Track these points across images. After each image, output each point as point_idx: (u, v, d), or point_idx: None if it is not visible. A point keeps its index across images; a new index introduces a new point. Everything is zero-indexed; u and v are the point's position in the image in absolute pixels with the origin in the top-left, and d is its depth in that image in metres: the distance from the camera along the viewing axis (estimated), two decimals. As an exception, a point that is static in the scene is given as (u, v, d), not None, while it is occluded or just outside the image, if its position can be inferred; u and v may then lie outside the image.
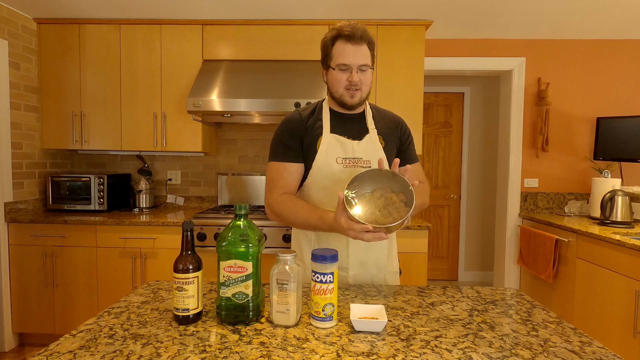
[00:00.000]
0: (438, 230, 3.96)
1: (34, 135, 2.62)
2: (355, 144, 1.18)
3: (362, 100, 1.19)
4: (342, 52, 1.12)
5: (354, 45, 1.11)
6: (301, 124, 1.21)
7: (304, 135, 1.19)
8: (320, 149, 1.17)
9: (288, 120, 1.23)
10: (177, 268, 0.86)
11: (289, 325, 0.86)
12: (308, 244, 1.24)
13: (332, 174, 1.17)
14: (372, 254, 1.23)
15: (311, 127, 1.20)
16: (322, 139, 1.18)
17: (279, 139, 1.21)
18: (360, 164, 1.18)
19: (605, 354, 0.75)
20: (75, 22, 2.61)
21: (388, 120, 1.28)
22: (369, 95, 1.22)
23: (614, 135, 2.70)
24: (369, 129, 1.22)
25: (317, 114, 1.23)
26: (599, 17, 2.54)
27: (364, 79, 1.15)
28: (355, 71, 1.12)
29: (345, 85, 1.15)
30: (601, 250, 2.10)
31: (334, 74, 1.16)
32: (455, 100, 3.89)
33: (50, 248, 2.37)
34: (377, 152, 1.19)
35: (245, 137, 2.99)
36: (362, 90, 1.16)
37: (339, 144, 1.18)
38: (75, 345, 0.76)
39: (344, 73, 1.14)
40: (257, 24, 2.60)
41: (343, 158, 1.17)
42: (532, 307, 1.00)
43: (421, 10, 2.44)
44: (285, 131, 1.21)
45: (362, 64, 1.13)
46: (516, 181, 3.03)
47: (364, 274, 1.24)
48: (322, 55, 1.20)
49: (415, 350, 0.76)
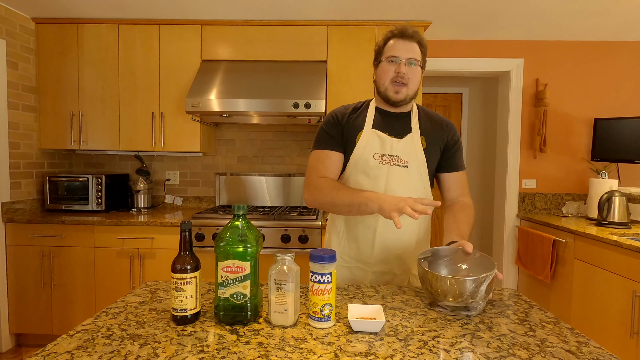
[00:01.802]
0: (437, 230, 3.96)
1: (31, 135, 2.61)
2: (395, 141, 1.18)
3: (408, 97, 1.18)
4: (393, 47, 1.15)
5: (405, 41, 1.14)
6: (344, 116, 1.23)
7: (345, 126, 1.21)
8: (359, 143, 1.18)
9: (332, 112, 1.25)
10: (175, 268, 0.86)
11: (287, 325, 0.86)
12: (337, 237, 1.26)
13: (368, 168, 1.17)
14: (399, 251, 1.21)
15: (353, 120, 1.22)
16: (362, 134, 1.19)
17: (322, 129, 1.24)
18: (397, 162, 1.17)
19: (602, 354, 0.76)
20: (73, 22, 2.61)
21: (435, 121, 1.25)
22: (417, 95, 1.22)
23: (612, 136, 2.71)
24: (412, 129, 1.20)
25: (362, 110, 1.24)
26: (597, 19, 2.55)
27: (411, 74, 1.15)
28: (403, 63, 1.14)
29: (392, 77, 1.15)
30: (598, 251, 2.11)
31: (382, 66, 1.17)
32: (454, 101, 3.90)
33: (47, 248, 2.37)
34: (416, 152, 1.18)
35: (244, 138, 2.99)
36: (408, 87, 1.16)
37: (378, 140, 1.18)
38: (72, 346, 0.76)
39: (392, 65, 1.15)
40: (256, 24, 2.60)
41: (380, 154, 1.17)
42: (529, 308, 1.01)
43: (420, 11, 2.45)
44: (329, 121, 1.23)
45: (410, 57, 1.14)
46: (514, 182, 3.04)
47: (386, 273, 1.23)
48: (374, 57, 1.22)
49: (412, 351, 0.76)
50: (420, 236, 1.26)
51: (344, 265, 1.25)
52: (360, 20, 2.58)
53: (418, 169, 1.18)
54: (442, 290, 0.91)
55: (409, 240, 1.22)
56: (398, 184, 1.16)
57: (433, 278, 0.92)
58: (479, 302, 0.90)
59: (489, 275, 0.88)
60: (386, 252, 1.20)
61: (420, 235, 1.26)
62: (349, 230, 1.23)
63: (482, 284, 0.88)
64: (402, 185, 1.17)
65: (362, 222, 1.20)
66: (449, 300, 0.91)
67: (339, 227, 1.25)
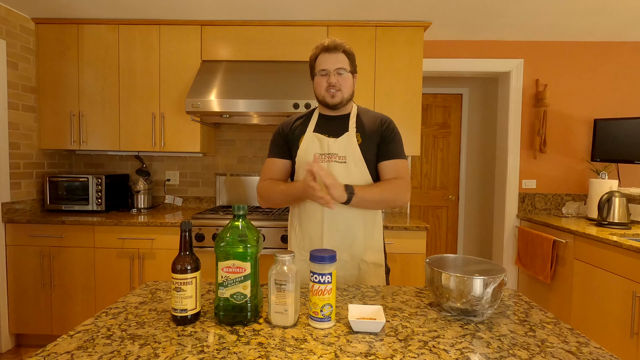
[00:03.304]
0: (436, 231, 3.96)
1: (31, 135, 2.61)
2: (331, 141, 1.32)
3: (344, 100, 1.33)
4: (322, 61, 1.32)
5: (331, 54, 1.30)
6: (288, 125, 1.41)
7: (288, 134, 1.39)
8: (301, 146, 1.35)
9: (281, 123, 1.43)
10: (175, 268, 0.86)
11: (287, 325, 0.86)
12: (294, 233, 1.39)
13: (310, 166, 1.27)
14: (346, 241, 1.32)
15: (296, 128, 1.39)
16: (304, 137, 1.35)
17: (272, 139, 1.44)
18: (335, 159, 1.31)
19: (602, 354, 0.76)
20: (73, 22, 2.61)
21: (371, 118, 1.39)
22: (353, 97, 1.37)
23: (612, 136, 2.72)
24: (349, 127, 1.35)
25: (306, 117, 1.41)
26: (597, 19, 2.55)
27: (342, 81, 1.31)
28: (333, 74, 1.30)
29: (325, 87, 1.31)
30: (598, 252, 2.11)
31: (316, 79, 1.34)
32: (454, 102, 3.90)
33: (47, 248, 2.37)
34: (352, 148, 1.31)
35: (244, 138, 2.99)
36: (342, 91, 1.32)
37: (317, 141, 1.34)
38: (72, 346, 0.76)
39: (323, 77, 1.32)
40: (256, 25, 2.60)
41: (320, 154, 1.32)
42: (529, 308, 1.01)
43: (420, 11, 2.45)
44: (276, 132, 1.43)
45: (338, 67, 1.30)
46: (514, 182, 3.04)
47: (338, 260, 1.27)
48: (310, 70, 1.38)
49: (413, 351, 0.76)
50: (367, 224, 1.35)
51: (301, 260, 1.34)
52: (360, 21, 2.58)
53: (355, 163, 1.31)
54: (448, 289, 0.91)
55: (357, 229, 1.33)
56: (339, 179, 1.24)
57: (440, 277, 0.92)
58: (485, 307, 0.90)
59: (496, 277, 0.88)
60: (334, 241, 1.31)
61: (368, 224, 1.35)
62: (302, 226, 1.36)
63: (488, 286, 0.88)
64: (342, 179, 1.26)
65: (312, 217, 1.33)
66: (454, 301, 0.91)
67: (295, 224, 1.39)
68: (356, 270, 1.34)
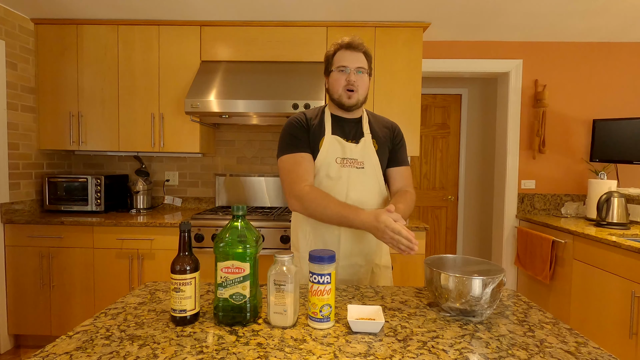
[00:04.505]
0: (436, 231, 3.96)
1: (30, 136, 2.61)
2: (352, 145, 1.28)
3: (359, 102, 1.29)
4: (342, 58, 1.26)
5: (352, 52, 1.25)
6: (304, 120, 1.31)
7: (310, 129, 1.29)
8: (322, 149, 1.27)
9: (294, 118, 1.32)
10: (174, 269, 0.86)
11: (286, 326, 0.86)
12: (304, 237, 1.32)
13: (331, 171, 1.27)
14: (362, 246, 1.30)
15: (314, 126, 1.30)
16: (325, 139, 1.28)
17: (289, 133, 1.28)
18: (355, 165, 1.28)
19: (601, 354, 0.76)
20: (72, 23, 2.61)
21: (383, 125, 1.37)
22: (366, 100, 1.33)
23: (610, 137, 2.72)
24: (364, 133, 1.32)
25: (319, 116, 1.33)
26: (596, 20, 2.56)
27: (360, 81, 1.26)
28: (352, 72, 1.25)
29: (344, 85, 1.25)
30: (597, 252, 2.11)
31: (333, 75, 1.28)
32: (453, 102, 3.90)
33: (46, 249, 2.36)
34: (370, 154, 1.30)
35: (243, 138, 2.99)
36: (358, 93, 1.27)
37: (339, 145, 1.28)
38: (71, 347, 0.76)
39: (342, 74, 1.26)
40: (255, 25, 2.60)
41: (342, 158, 1.27)
42: (528, 308, 1.01)
43: (419, 12, 2.45)
44: (295, 126, 1.29)
45: (358, 66, 1.25)
46: (513, 183, 3.04)
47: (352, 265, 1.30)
48: (324, 66, 1.33)
49: (412, 351, 0.76)
50: None
51: None
52: (360, 21, 2.58)
53: (373, 169, 1.30)
54: (447, 290, 0.91)
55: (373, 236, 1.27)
56: (357, 184, 1.26)
57: (440, 277, 0.92)
58: (484, 307, 0.90)
59: (495, 277, 0.88)
60: (351, 248, 1.29)
61: None
62: (315, 230, 1.30)
63: (487, 286, 0.88)
64: (361, 185, 1.27)
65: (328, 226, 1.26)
66: (453, 301, 0.91)
67: (305, 228, 1.31)
68: (369, 274, 1.33)
